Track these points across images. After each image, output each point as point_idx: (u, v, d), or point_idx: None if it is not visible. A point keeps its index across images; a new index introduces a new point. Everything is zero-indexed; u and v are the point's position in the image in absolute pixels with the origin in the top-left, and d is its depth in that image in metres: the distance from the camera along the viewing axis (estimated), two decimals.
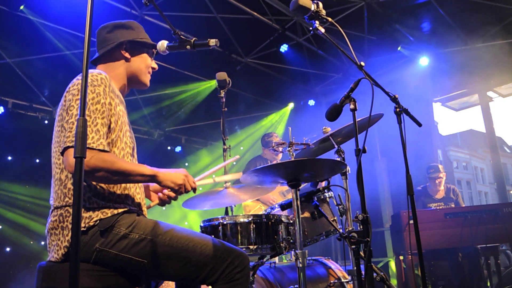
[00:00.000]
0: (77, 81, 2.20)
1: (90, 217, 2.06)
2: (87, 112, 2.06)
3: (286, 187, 5.64)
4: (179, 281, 2.37)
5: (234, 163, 10.91)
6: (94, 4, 1.64)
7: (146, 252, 2.08)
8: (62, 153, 2.03)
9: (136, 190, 2.33)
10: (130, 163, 2.16)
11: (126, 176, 2.07)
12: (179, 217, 10.10)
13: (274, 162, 5.81)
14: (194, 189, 2.31)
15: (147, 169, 2.15)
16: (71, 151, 1.97)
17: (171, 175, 2.21)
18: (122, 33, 2.45)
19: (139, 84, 2.55)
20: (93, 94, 2.12)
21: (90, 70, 2.21)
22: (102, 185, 2.15)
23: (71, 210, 2.09)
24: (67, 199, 2.11)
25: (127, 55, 2.46)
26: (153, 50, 2.55)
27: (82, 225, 2.04)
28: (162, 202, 2.39)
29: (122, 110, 2.32)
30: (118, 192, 2.20)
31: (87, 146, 1.95)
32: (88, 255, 2.05)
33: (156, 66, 2.59)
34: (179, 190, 2.23)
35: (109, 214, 2.10)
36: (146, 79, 2.55)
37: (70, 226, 2.06)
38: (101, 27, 2.49)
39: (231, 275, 2.13)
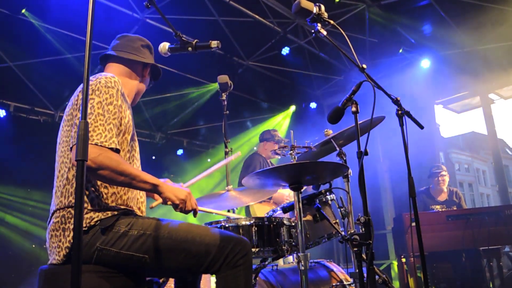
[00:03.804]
0: (90, 81, 2.22)
1: (91, 218, 2.08)
2: (100, 111, 2.10)
3: None
4: (183, 274, 2.37)
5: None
6: (96, 7, 1.64)
7: (147, 247, 2.09)
8: (71, 148, 2.05)
9: (139, 194, 2.36)
10: (136, 168, 2.19)
11: (130, 180, 2.07)
12: (180, 219, 10.08)
13: (268, 161, 5.81)
14: (194, 212, 2.28)
15: (151, 178, 2.15)
16: None
17: (175, 188, 2.20)
18: (149, 55, 2.63)
19: (133, 102, 2.66)
20: (107, 94, 2.16)
21: (102, 74, 2.28)
22: (107, 186, 2.17)
23: (73, 212, 2.09)
24: (71, 198, 2.12)
25: (145, 76, 2.62)
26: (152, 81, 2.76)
27: (83, 225, 2.05)
28: (165, 200, 2.37)
29: (131, 114, 2.37)
30: (122, 193, 2.22)
31: (100, 143, 1.99)
32: (89, 255, 2.05)
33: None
34: (179, 205, 2.20)
35: (109, 215, 2.12)
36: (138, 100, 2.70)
37: (71, 227, 2.07)
38: (137, 37, 2.64)
39: (234, 261, 2.14)
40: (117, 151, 2.09)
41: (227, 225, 2.84)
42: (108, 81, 2.20)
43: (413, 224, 2.71)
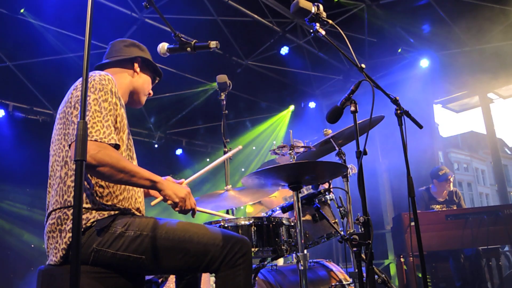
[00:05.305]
0: None
1: (87, 218, 2.07)
2: (97, 108, 2.10)
3: (290, 193, 5.52)
4: (182, 273, 2.37)
5: (243, 169, 10.94)
6: (94, 7, 1.64)
7: (144, 248, 2.08)
8: (70, 145, 2.05)
9: (137, 194, 2.34)
10: (135, 165, 2.17)
11: (130, 177, 2.06)
12: (180, 218, 10.08)
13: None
14: (193, 211, 2.28)
15: (151, 175, 2.14)
16: None
17: (175, 186, 2.20)
18: (138, 51, 2.61)
19: (136, 101, 2.63)
20: (102, 92, 2.15)
21: (96, 72, 2.28)
22: (103, 184, 2.15)
23: (69, 213, 2.09)
24: (65, 197, 2.11)
25: (137, 69, 2.57)
26: (157, 78, 2.73)
27: None
28: (165, 198, 2.32)
29: (125, 113, 2.36)
30: (118, 193, 2.20)
31: (99, 140, 2.00)
32: (86, 256, 2.04)
33: (152, 92, 2.71)
34: (179, 203, 2.19)
35: (106, 215, 2.11)
36: (143, 99, 2.66)
37: (68, 228, 2.06)
38: (119, 40, 2.65)
39: (233, 261, 2.13)
40: (116, 147, 2.09)
41: (226, 225, 2.84)
42: (103, 78, 2.20)
43: (412, 223, 2.71)
